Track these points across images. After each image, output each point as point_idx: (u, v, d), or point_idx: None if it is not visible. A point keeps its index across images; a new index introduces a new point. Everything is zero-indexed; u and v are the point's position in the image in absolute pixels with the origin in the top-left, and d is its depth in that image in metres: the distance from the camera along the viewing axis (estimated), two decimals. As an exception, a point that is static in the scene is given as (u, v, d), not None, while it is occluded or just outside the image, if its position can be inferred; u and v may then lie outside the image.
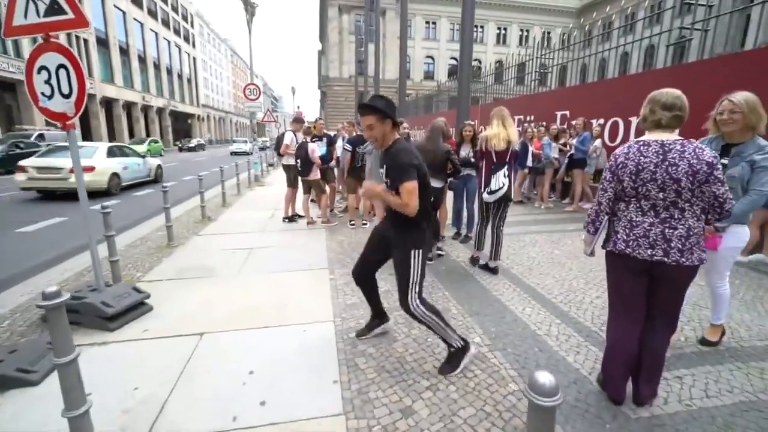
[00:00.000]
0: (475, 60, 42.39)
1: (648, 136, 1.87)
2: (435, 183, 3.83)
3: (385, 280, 3.77)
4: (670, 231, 1.78)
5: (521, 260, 4.39)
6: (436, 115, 13.20)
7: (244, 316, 3.04)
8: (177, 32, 43.61)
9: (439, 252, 4.57)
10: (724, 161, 2.27)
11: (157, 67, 38.07)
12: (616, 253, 1.93)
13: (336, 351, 2.55)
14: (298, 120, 6.30)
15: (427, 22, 42.54)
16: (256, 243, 5.13)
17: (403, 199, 2.09)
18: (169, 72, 41.33)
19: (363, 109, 2.17)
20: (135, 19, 33.81)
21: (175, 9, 42.91)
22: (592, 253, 2.11)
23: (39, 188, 8.77)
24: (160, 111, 38.94)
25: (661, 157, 1.77)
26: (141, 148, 22.38)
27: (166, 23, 40.27)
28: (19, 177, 8.52)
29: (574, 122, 7.73)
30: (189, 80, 47.28)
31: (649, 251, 1.81)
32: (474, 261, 4.26)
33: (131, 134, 32.21)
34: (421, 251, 2.21)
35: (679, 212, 1.78)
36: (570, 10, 42.72)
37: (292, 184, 6.24)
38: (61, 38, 2.76)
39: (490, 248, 4.05)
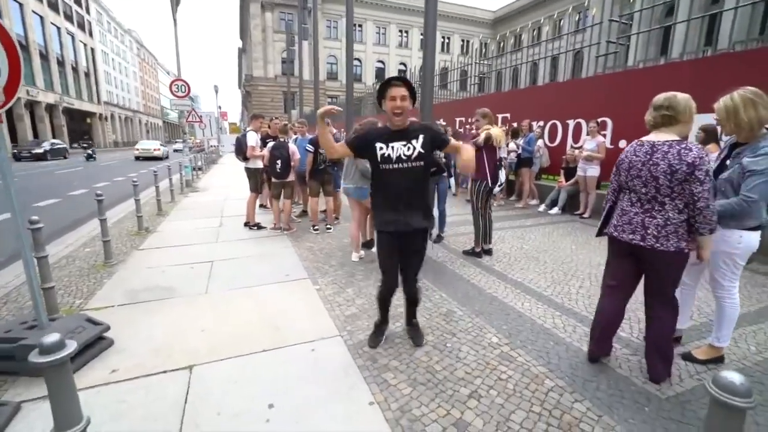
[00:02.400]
0: (401, 64, 43.69)
1: (648, 137, 2.04)
2: None
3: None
4: (649, 219, 1.99)
5: (498, 257, 4.50)
6: (363, 117, 13.19)
7: (233, 341, 2.63)
8: (69, 18, 37.76)
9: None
10: (729, 162, 2.12)
11: (44, 57, 32.49)
12: (609, 236, 2.22)
13: (357, 368, 2.32)
14: (258, 116, 5.74)
15: (354, 25, 42.59)
16: (215, 255, 4.57)
17: (467, 150, 2.22)
18: (61, 63, 35.58)
19: (397, 80, 2.19)
20: (12, -2, 28.56)
21: (64, -9, 37.20)
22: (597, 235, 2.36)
23: (142, 157, 23.65)
24: (50, 108, 33.40)
25: (648, 156, 1.96)
26: None
27: (54, 6, 34.58)
28: (135, 152, 24.48)
29: (516, 124, 8.27)
30: (87, 74, 41.22)
31: (630, 236, 2.04)
32: (478, 254, 4.48)
33: (12, 134, 27.19)
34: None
35: (659, 205, 1.97)
36: (486, 22, 46.01)
37: (256, 189, 5.70)
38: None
39: (483, 234, 4.50)
